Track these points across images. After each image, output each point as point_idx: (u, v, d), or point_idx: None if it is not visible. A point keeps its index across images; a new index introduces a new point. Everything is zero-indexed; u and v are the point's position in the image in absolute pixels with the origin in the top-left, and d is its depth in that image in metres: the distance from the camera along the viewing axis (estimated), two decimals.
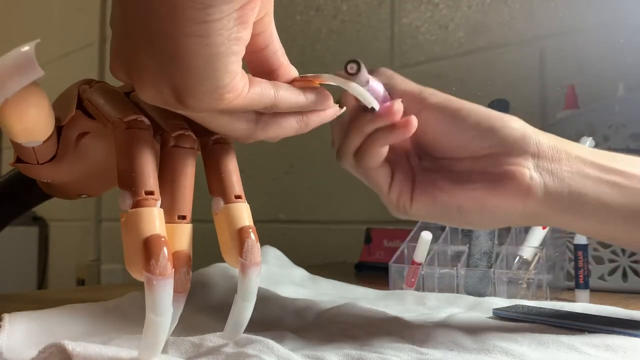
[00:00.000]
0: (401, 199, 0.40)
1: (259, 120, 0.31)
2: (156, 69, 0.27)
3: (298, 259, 0.71)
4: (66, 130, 0.35)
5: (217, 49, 0.26)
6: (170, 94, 0.27)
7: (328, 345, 0.35)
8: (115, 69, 0.28)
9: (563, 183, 0.37)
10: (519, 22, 0.93)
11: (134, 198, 0.28)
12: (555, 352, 0.33)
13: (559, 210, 0.37)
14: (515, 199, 0.37)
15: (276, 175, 1.25)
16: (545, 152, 0.38)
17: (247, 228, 0.32)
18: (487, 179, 0.38)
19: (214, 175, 0.33)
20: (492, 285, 0.56)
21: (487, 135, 0.38)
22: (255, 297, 0.32)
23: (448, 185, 0.39)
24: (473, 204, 0.38)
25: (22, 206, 0.52)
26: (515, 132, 0.38)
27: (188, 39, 0.25)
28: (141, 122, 0.30)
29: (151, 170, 0.29)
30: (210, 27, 0.25)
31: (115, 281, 1.57)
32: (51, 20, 1.92)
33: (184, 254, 0.30)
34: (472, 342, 0.35)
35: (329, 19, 1.19)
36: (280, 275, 0.63)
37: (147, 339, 0.27)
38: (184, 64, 0.26)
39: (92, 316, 0.39)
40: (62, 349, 0.26)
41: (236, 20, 0.26)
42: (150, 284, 0.26)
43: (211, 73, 0.26)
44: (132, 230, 0.27)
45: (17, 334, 0.34)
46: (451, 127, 0.39)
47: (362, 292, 0.60)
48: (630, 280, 0.62)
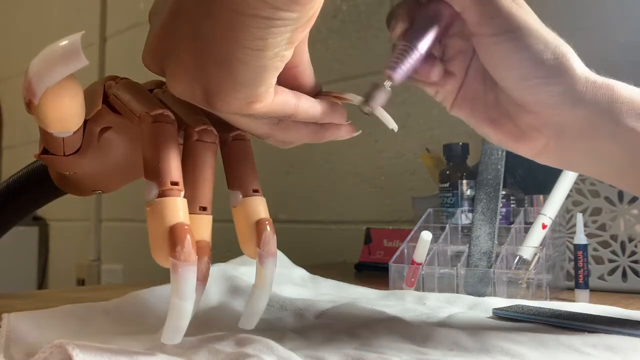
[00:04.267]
0: (446, 95, 0.39)
1: (280, 123, 0.33)
2: (195, 67, 0.28)
3: (298, 259, 0.71)
4: (90, 124, 0.36)
5: (265, 62, 0.27)
6: (202, 93, 0.28)
7: (328, 345, 0.35)
8: (149, 59, 0.30)
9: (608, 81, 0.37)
10: None
11: (160, 188, 0.29)
12: (555, 352, 0.33)
13: (597, 96, 0.35)
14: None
15: (276, 175, 1.25)
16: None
17: (264, 220, 0.33)
18: (529, 120, 0.37)
19: (233, 170, 0.35)
20: (492, 285, 0.56)
21: (548, 79, 0.35)
22: (271, 287, 0.34)
23: (492, 105, 0.38)
24: (511, 126, 0.38)
25: (34, 203, 0.54)
26: (579, 84, 0.36)
27: (243, 49, 0.27)
28: (167, 117, 0.31)
29: (176, 162, 0.30)
30: (267, 44, 0.27)
31: (115, 281, 1.57)
32: (51, 20, 1.92)
33: (205, 244, 0.31)
34: (472, 342, 0.35)
35: (329, 19, 1.19)
36: (280, 275, 0.63)
37: (171, 322, 0.28)
38: (229, 70, 0.27)
39: (92, 316, 0.39)
40: (62, 349, 0.26)
41: (288, 40, 0.28)
42: (175, 269, 0.27)
43: (250, 83, 0.28)
44: (158, 218, 0.28)
45: (17, 334, 0.34)
46: (517, 56, 0.36)
47: (362, 292, 0.60)
48: (630, 280, 0.62)
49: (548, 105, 0.36)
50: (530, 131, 0.38)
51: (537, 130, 0.37)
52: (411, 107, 1.04)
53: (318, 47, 1.20)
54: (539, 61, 0.35)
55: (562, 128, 0.37)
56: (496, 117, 0.39)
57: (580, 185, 0.64)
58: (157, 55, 0.30)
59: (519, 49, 0.35)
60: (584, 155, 0.38)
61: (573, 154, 0.38)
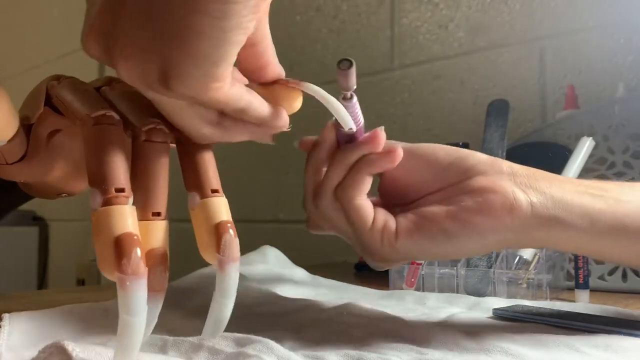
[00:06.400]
0: (386, 232, 0.37)
1: (220, 123, 0.31)
2: (147, 45, 0.25)
3: (298, 259, 0.71)
4: (36, 128, 0.34)
5: (226, 33, 0.25)
6: (156, 74, 0.26)
7: (328, 345, 0.35)
8: (90, 41, 0.27)
9: (545, 194, 0.36)
10: (519, 22, 0.93)
11: (104, 196, 0.27)
12: (555, 352, 0.33)
13: (546, 219, 0.35)
14: (502, 212, 0.35)
15: (276, 175, 1.25)
16: (519, 171, 0.37)
17: (225, 223, 0.31)
18: (470, 197, 0.36)
19: (190, 170, 0.33)
20: (492, 285, 0.56)
21: (461, 163, 0.38)
22: (234, 294, 0.31)
23: (431, 212, 0.37)
24: (460, 225, 0.35)
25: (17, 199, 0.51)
26: (484, 157, 0.38)
27: (200, 16, 0.24)
28: (110, 117, 0.29)
29: (121, 166, 0.28)
30: (228, 10, 0.24)
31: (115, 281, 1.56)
32: (51, 20, 1.92)
33: (159, 252, 0.29)
34: (472, 342, 0.35)
35: (329, 19, 1.19)
36: (280, 275, 0.63)
37: (123, 340, 0.26)
38: (186, 43, 0.25)
39: (92, 316, 0.39)
40: (62, 349, 0.26)
41: (252, 9, 0.25)
42: (122, 284, 0.26)
43: (210, 58, 0.25)
44: (103, 229, 0.26)
45: (17, 334, 0.34)
46: (424, 165, 0.38)
47: (362, 292, 0.60)
48: (630, 280, 0.62)
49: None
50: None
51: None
52: (411, 107, 1.04)
53: (318, 47, 1.20)
54: None
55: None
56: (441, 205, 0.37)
57: None
58: (101, 36, 0.26)
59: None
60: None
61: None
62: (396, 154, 0.37)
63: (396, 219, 0.37)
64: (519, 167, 0.38)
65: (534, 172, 0.38)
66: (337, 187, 0.37)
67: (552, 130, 0.75)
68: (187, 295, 0.47)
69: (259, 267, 0.64)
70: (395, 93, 1.07)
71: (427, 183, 0.39)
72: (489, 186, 0.36)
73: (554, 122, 0.77)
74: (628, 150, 0.67)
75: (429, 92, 1.02)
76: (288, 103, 0.33)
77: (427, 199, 0.39)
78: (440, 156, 0.38)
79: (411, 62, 1.06)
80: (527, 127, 0.88)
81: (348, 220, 0.37)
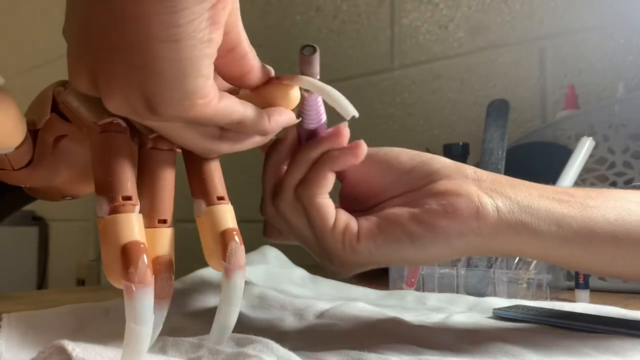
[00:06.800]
0: (347, 233, 0.35)
1: (223, 136, 0.31)
2: (125, 77, 0.26)
3: (298, 259, 0.71)
4: (42, 134, 0.34)
5: (189, 52, 0.25)
6: (141, 103, 0.26)
7: (328, 345, 0.35)
8: (78, 80, 0.27)
9: (511, 199, 0.35)
10: (519, 22, 0.93)
11: (111, 204, 0.27)
12: (555, 352, 0.33)
13: (513, 224, 0.35)
14: (468, 216, 0.34)
15: None
16: (484, 177, 0.37)
17: (231, 231, 0.31)
18: (435, 200, 0.35)
19: (196, 177, 0.33)
20: (492, 285, 0.56)
21: (425, 167, 0.37)
22: (240, 301, 0.31)
23: (394, 214, 0.36)
24: (424, 228, 0.34)
25: (22, 200, 0.51)
26: (449, 161, 0.38)
27: (159, 44, 0.24)
28: (117, 125, 0.29)
29: (128, 174, 0.28)
30: (182, 31, 0.24)
31: None
32: (51, 20, 1.92)
33: (165, 259, 0.29)
34: (472, 343, 0.35)
35: (329, 19, 1.19)
36: (280, 275, 0.63)
37: (129, 348, 0.26)
38: (156, 70, 0.25)
39: (92, 316, 0.39)
40: (62, 349, 0.26)
41: (208, 21, 0.25)
42: (129, 292, 0.25)
43: (184, 78, 0.26)
44: (110, 237, 0.26)
45: (17, 334, 0.34)
46: (386, 168, 0.38)
47: (362, 292, 0.60)
48: None
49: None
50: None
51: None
52: (411, 107, 1.04)
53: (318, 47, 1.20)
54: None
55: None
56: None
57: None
58: (84, 74, 0.27)
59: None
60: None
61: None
62: (360, 149, 0.36)
63: (358, 221, 0.36)
64: (484, 172, 0.37)
65: (499, 177, 0.37)
66: (297, 185, 0.36)
67: (552, 130, 0.75)
68: (187, 296, 0.47)
69: (259, 267, 0.64)
70: (395, 93, 1.07)
71: (390, 187, 0.38)
72: (453, 189, 0.35)
73: (554, 122, 0.77)
74: (628, 150, 0.67)
75: (429, 92, 1.02)
76: (285, 101, 0.33)
77: (389, 203, 0.38)
78: (404, 160, 0.38)
79: (411, 62, 1.06)
80: (527, 127, 0.88)
81: (309, 220, 0.36)
